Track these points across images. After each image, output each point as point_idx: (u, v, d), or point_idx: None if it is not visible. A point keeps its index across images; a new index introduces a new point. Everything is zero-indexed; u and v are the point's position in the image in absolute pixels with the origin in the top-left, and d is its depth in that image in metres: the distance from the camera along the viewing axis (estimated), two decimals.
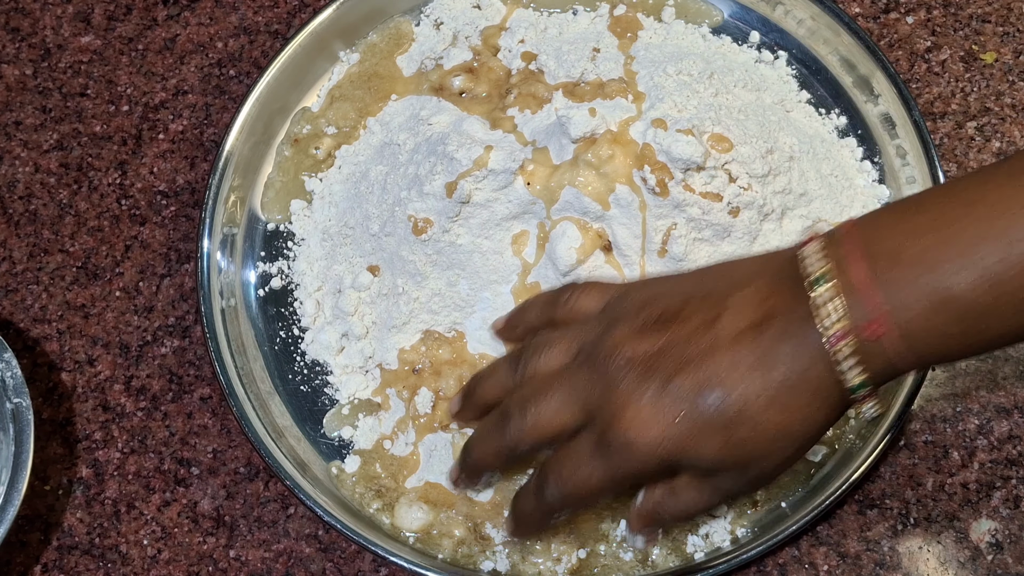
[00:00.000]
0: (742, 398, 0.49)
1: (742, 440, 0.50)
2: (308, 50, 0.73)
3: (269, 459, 0.64)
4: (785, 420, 0.50)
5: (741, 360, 0.49)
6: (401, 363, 0.67)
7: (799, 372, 0.49)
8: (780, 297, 0.50)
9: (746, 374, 0.49)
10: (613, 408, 0.51)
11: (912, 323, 0.47)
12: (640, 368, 0.51)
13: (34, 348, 0.71)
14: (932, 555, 0.65)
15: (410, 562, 0.62)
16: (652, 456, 0.51)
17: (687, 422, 0.50)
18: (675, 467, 0.53)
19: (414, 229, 0.66)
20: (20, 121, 0.77)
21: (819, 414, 0.50)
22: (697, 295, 0.52)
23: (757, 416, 0.49)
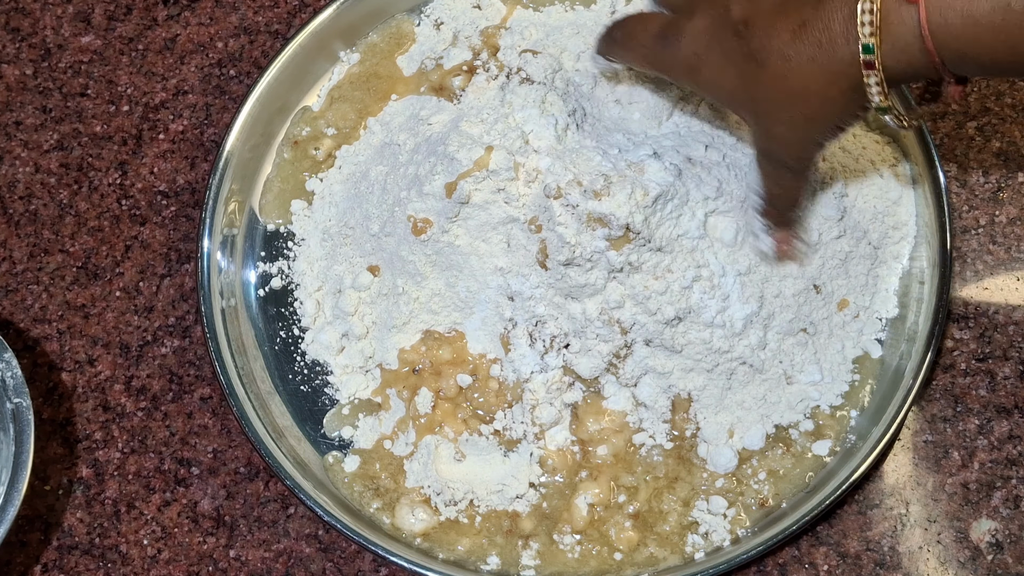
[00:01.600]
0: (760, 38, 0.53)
1: (749, 80, 0.54)
2: (308, 50, 0.73)
3: (269, 459, 0.64)
4: (785, 71, 0.52)
5: (780, 5, 0.53)
6: (401, 363, 0.67)
7: (819, 24, 0.51)
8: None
9: (773, 16, 0.53)
10: (690, 11, 0.58)
11: (950, 1, 0.48)
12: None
13: (34, 348, 0.71)
14: (932, 555, 0.65)
15: (410, 562, 0.62)
16: (685, 63, 0.57)
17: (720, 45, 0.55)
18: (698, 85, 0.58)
19: (413, 229, 0.66)
20: (20, 121, 0.77)
21: (821, 76, 0.52)
22: None
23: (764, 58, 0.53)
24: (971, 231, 0.71)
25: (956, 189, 0.71)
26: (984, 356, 0.68)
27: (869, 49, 0.50)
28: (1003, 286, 0.70)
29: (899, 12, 0.49)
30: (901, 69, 0.51)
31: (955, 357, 0.68)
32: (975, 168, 0.72)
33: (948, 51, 0.49)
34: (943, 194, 0.66)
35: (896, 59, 0.50)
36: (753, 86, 0.54)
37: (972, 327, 0.69)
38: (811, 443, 0.65)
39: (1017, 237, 0.71)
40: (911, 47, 0.50)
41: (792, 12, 0.52)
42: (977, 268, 0.70)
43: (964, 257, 0.70)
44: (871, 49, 0.50)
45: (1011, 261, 0.70)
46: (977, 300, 0.69)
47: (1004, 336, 0.69)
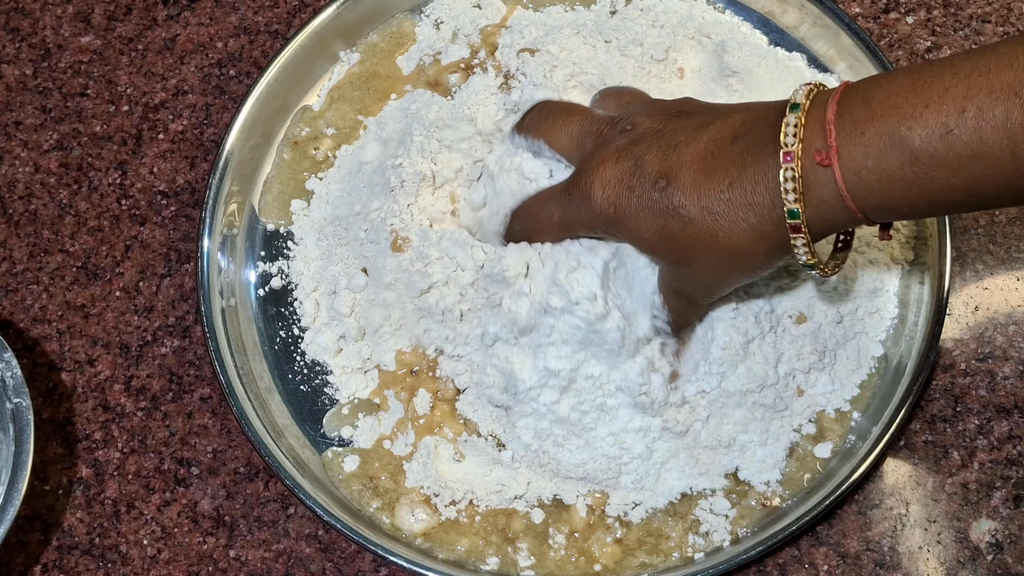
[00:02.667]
0: (684, 195, 0.54)
1: (673, 233, 0.55)
2: (308, 50, 0.73)
3: (269, 459, 0.64)
4: (715, 229, 0.54)
5: (702, 162, 0.54)
6: (399, 364, 0.67)
7: (746, 186, 0.53)
8: (765, 120, 0.53)
9: (699, 175, 0.54)
10: (597, 161, 0.58)
11: (861, 161, 0.50)
12: (634, 139, 0.58)
13: (34, 348, 0.71)
14: (932, 555, 0.65)
15: (410, 562, 0.62)
16: (601, 212, 0.58)
17: (637, 197, 0.56)
18: (617, 234, 0.59)
19: (393, 245, 0.66)
20: (20, 121, 0.77)
21: (750, 235, 0.53)
22: (715, 108, 0.58)
23: (691, 215, 0.54)
24: (971, 231, 0.71)
25: None
26: (984, 356, 0.68)
27: (795, 214, 0.51)
28: (1003, 286, 0.70)
29: (817, 176, 0.51)
30: (826, 226, 0.53)
31: (955, 357, 0.68)
32: None
33: (869, 207, 0.51)
34: None
35: (820, 218, 0.52)
36: (675, 238, 0.55)
37: (972, 327, 0.69)
38: (812, 446, 0.65)
39: (1017, 237, 0.71)
40: (834, 207, 0.51)
41: (718, 172, 0.53)
42: (977, 268, 0.70)
43: (964, 257, 0.70)
44: (796, 214, 0.51)
45: (1011, 261, 0.70)
46: (977, 300, 0.69)
47: (1004, 336, 0.69)
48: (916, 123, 0.48)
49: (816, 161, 0.50)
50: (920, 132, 0.48)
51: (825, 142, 0.50)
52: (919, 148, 0.48)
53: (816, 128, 0.51)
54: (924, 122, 0.48)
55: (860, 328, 0.66)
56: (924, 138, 0.48)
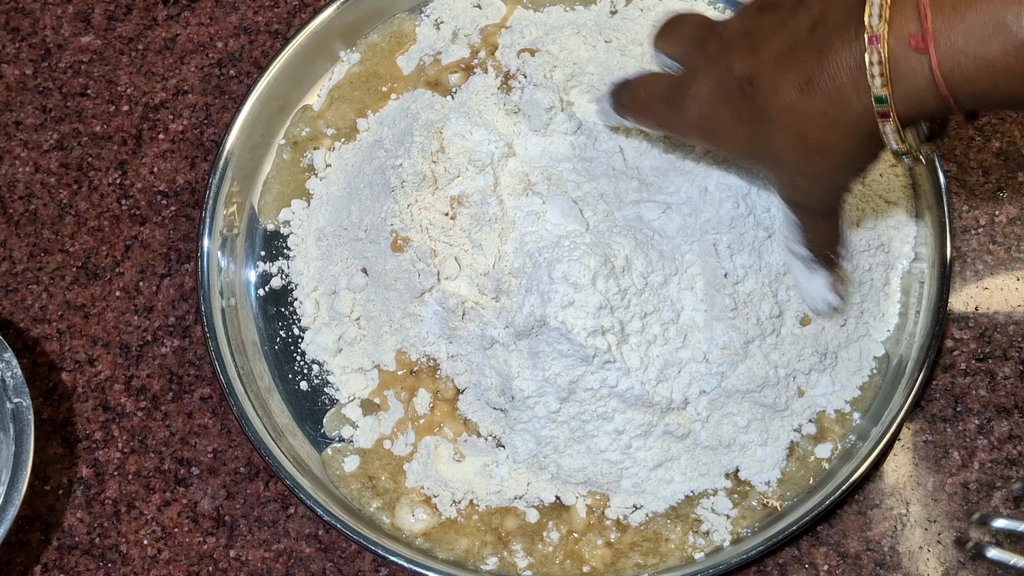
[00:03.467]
0: (768, 97, 0.53)
1: (764, 138, 0.54)
2: (308, 50, 0.73)
3: (269, 458, 0.64)
4: (799, 128, 0.52)
5: (781, 59, 0.52)
6: (399, 364, 0.67)
7: (825, 79, 0.50)
8: (843, 5, 0.51)
9: (778, 73, 0.52)
10: (691, 71, 0.58)
11: (963, 48, 0.47)
12: (724, 44, 0.56)
13: (34, 348, 0.71)
14: (932, 555, 0.65)
15: (410, 562, 0.62)
16: (694, 128, 0.57)
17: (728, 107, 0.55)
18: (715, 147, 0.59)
19: (393, 245, 0.66)
20: (20, 121, 0.77)
21: (837, 129, 0.51)
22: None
23: (776, 116, 0.52)
24: (971, 231, 0.71)
25: (956, 189, 0.71)
26: (984, 356, 0.68)
27: (882, 100, 0.49)
28: (1003, 286, 0.70)
29: (909, 61, 0.49)
30: (914, 113, 0.50)
31: (955, 357, 0.68)
32: (975, 168, 0.72)
33: (963, 95, 0.49)
34: (943, 194, 0.66)
35: (909, 105, 0.50)
36: (767, 142, 0.54)
37: (972, 327, 0.69)
38: (813, 447, 0.65)
39: (1017, 237, 0.71)
40: (924, 93, 0.49)
41: (795, 67, 0.52)
42: (977, 268, 0.70)
43: (964, 257, 0.70)
44: (884, 100, 0.49)
45: (1011, 261, 0.70)
46: (977, 300, 0.69)
47: (1004, 336, 0.69)
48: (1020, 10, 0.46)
49: (910, 46, 0.48)
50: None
51: (920, 25, 0.47)
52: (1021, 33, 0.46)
53: (906, 9, 0.48)
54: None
55: (864, 331, 0.66)
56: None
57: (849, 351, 0.66)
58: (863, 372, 0.66)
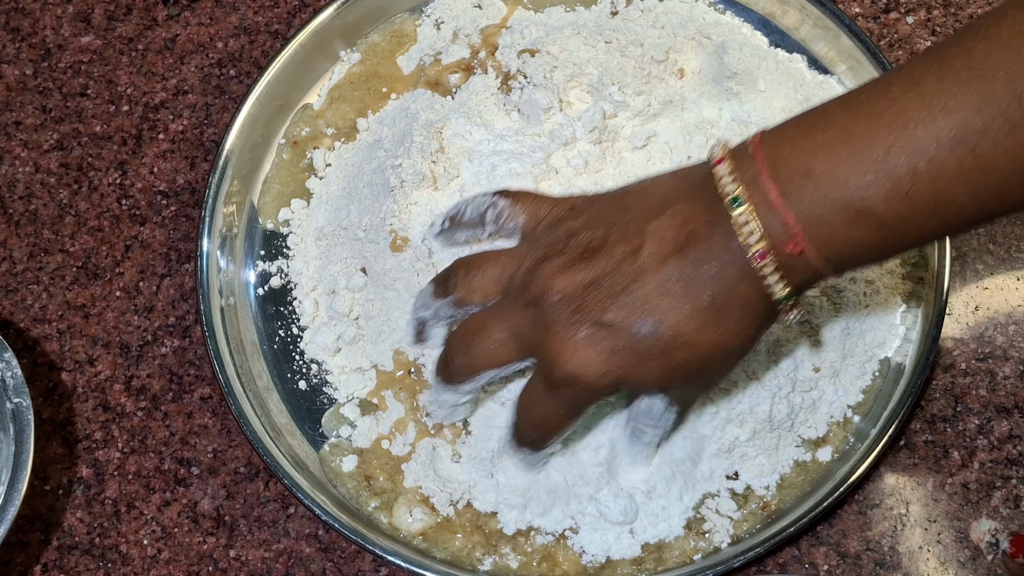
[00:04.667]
0: (675, 324, 0.51)
1: (682, 362, 0.53)
2: (308, 50, 0.73)
3: (267, 458, 0.64)
4: (718, 337, 0.52)
5: (669, 286, 0.51)
6: (397, 365, 0.67)
7: (726, 291, 0.51)
8: (698, 220, 0.51)
9: (676, 300, 0.51)
10: (553, 347, 0.54)
11: (830, 237, 0.49)
12: (573, 304, 0.53)
13: (34, 348, 0.71)
14: (932, 555, 0.65)
15: (409, 562, 0.62)
16: (600, 385, 0.54)
17: (626, 352, 0.52)
18: (627, 389, 0.56)
19: (392, 244, 0.66)
20: (20, 121, 0.77)
21: (750, 327, 0.53)
22: (619, 223, 0.54)
23: (691, 338, 0.52)
24: (971, 231, 0.71)
25: None
26: (984, 356, 0.68)
27: (786, 298, 0.51)
28: (1003, 286, 0.70)
29: (793, 261, 0.50)
30: (806, 288, 0.52)
31: (955, 357, 0.68)
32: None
33: (847, 266, 0.52)
34: None
35: (802, 288, 0.52)
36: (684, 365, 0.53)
37: (972, 327, 0.69)
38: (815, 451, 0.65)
39: (1017, 237, 0.71)
40: (812, 277, 0.51)
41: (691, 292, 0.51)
42: (977, 268, 0.70)
43: (964, 257, 0.70)
44: (788, 297, 0.51)
45: (1011, 261, 0.70)
46: (977, 300, 0.69)
47: (1004, 336, 0.69)
48: (872, 191, 0.47)
49: (787, 252, 0.50)
50: (878, 200, 0.47)
51: (786, 229, 0.49)
52: (883, 215, 0.48)
53: (765, 213, 0.49)
54: (879, 188, 0.47)
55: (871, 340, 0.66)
56: (885, 204, 0.47)
57: (855, 358, 0.66)
58: (866, 376, 0.66)
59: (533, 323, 0.55)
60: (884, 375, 0.66)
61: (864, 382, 0.66)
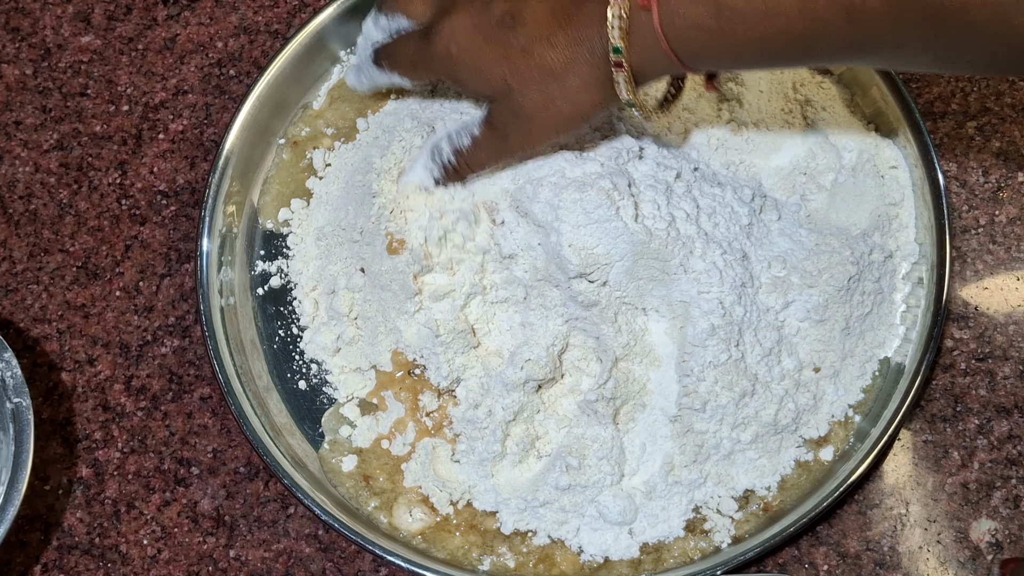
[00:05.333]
0: (528, 29, 0.57)
1: (513, 64, 0.58)
2: (308, 50, 0.73)
3: (267, 457, 0.64)
4: (552, 58, 0.57)
5: (544, 4, 0.57)
6: (395, 366, 0.67)
7: (581, 24, 0.56)
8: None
9: (543, 14, 0.57)
10: (449, 9, 0.61)
11: (676, 9, 0.53)
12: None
13: (34, 348, 0.71)
14: (932, 555, 0.65)
15: (409, 562, 0.62)
16: (443, 52, 0.60)
17: (484, 34, 0.59)
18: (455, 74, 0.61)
19: (389, 247, 0.66)
20: (20, 121, 0.77)
21: (583, 67, 0.57)
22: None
23: (533, 46, 0.57)
24: (971, 231, 0.71)
25: (956, 189, 0.71)
26: (984, 356, 0.68)
27: (618, 51, 0.55)
28: (1003, 286, 0.70)
29: (640, 18, 0.54)
30: (649, 68, 0.56)
31: (955, 357, 0.68)
32: (975, 168, 0.72)
33: (683, 52, 0.54)
34: (943, 194, 0.66)
35: (643, 59, 0.55)
36: (514, 68, 0.58)
37: (972, 327, 0.69)
38: (816, 451, 0.65)
39: (1017, 237, 0.71)
40: (655, 50, 0.55)
41: (559, 10, 0.57)
42: (977, 268, 0.70)
43: (964, 257, 0.70)
44: (620, 51, 0.55)
45: (1011, 261, 0.70)
46: (977, 300, 0.69)
47: (1004, 336, 0.69)
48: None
49: (639, 4, 0.53)
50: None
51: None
52: (722, 1, 0.52)
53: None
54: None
55: (871, 340, 0.66)
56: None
57: (854, 357, 0.66)
58: (866, 376, 0.66)
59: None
60: (884, 375, 0.66)
61: (864, 382, 0.66)
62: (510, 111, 0.60)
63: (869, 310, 0.66)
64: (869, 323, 0.66)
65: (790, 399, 0.64)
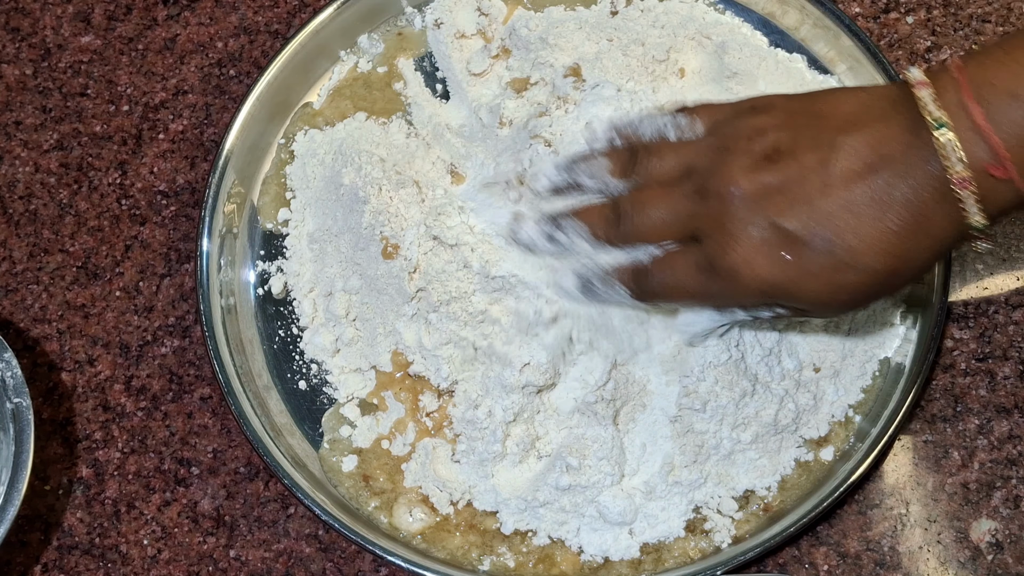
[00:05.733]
0: (854, 244, 0.50)
1: (848, 285, 0.51)
2: (308, 50, 0.73)
3: (267, 458, 0.64)
4: (895, 264, 0.50)
5: (856, 204, 0.50)
6: (395, 366, 0.67)
7: (916, 217, 0.49)
8: (895, 141, 0.50)
9: (860, 219, 0.50)
10: (725, 237, 0.52)
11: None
12: (753, 202, 0.52)
13: (34, 348, 0.71)
14: (932, 555, 0.65)
15: (409, 562, 0.62)
16: (754, 289, 0.53)
17: (796, 263, 0.51)
18: (773, 302, 0.54)
19: (384, 252, 0.66)
20: (20, 121, 0.77)
21: (929, 256, 0.51)
22: (809, 129, 0.52)
23: (867, 261, 0.50)
24: None
25: None
26: (984, 356, 0.68)
27: (982, 228, 0.50)
28: (1003, 286, 0.70)
29: (994, 186, 0.49)
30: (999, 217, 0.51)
31: (955, 357, 0.68)
32: None
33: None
34: None
35: (993, 216, 0.51)
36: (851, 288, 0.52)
37: (972, 327, 0.69)
38: (816, 451, 0.65)
39: (1017, 237, 0.71)
40: (1010, 205, 0.50)
41: (878, 213, 0.50)
42: (977, 268, 0.70)
43: (964, 257, 0.70)
44: (984, 227, 0.50)
45: (1011, 261, 0.70)
46: (977, 300, 0.69)
47: (1004, 336, 0.69)
48: None
49: (992, 176, 0.48)
50: None
51: (992, 153, 0.48)
52: None
53: (970, 137, 0.48)
54: None
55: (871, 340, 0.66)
56: None
57: (855, 357, 0.66)
58: (866, 376, 0.66)
59: (707, 214, 0.53)
60: (884, 375, 0.66)
61: (864, 382, 0.66)
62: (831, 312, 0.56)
63: (869, 310, 0.66)
64: (869, 323, 0.66)
65: (790, 399, 0.63)
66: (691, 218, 0.55)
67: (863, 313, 0.66)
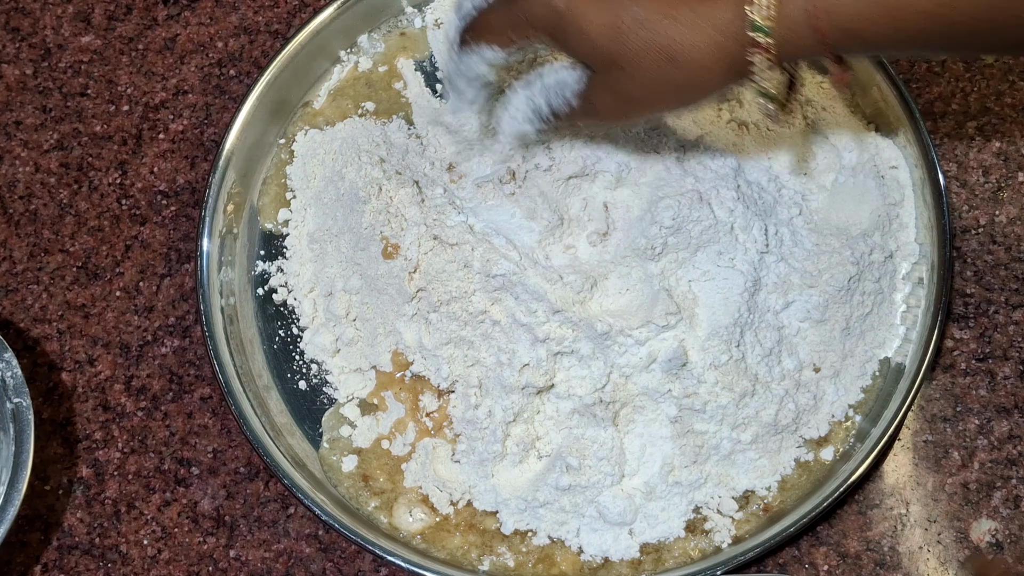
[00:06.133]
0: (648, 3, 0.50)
1: (624, 31, 0.51)
2: (308, 50, 0.73)
3: (267, 458, 0.64)
4: (672, 34, 0.50)
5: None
6: (396, 366, 0.67)
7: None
8: None
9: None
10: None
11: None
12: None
13: (34, 348, 0.71)
14: (932, 555, 0.65)
15: (409, 562, 0.62)
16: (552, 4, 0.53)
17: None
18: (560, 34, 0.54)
19: (384, 252, 0.66)
20: (20, 121, 0.77)
21: (709, 48, 0.50)
22: None
23: (649, 15, 0.50)
24: (971, 231, 0.71)
25: (956, 189, 0.71)
26: (984, 356, 0.68)
27: (763, 30, 0.49)
28: (1003, 286, 0.70)
29: (791, 14, 0.48)
30: (788, 50, 0.50)
31: (955, 357, 0.68)
32: (975, 168, 0.72)
33: (838, 29, 0.48)
34: (943, 194, 0.66)
35: (784, 39, 0.49)
36: (624, 38, 0.51)
37: (972, 327, 0.69)
38: (816, 451, 0.65)
39: (1017, 237, 0.71)
40: (801, 27, 0.49)
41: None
42: (977, 268, 0.70)
43: (964, 257, 0.70)
44: (766, 31, 0.49)
45: (1011, 261, 0.70)
46: (977, 300, 0.69)
47: (1004, 336, 0.69)
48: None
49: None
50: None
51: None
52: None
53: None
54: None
55: (871, 340, 0.66)
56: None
57: (855, 358, 0.66)
58: (866, 376, 0.66)
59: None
60: (884, 375, 0.66)
61: (864, 382, 0.66)
62: (611, 90, 0.54)
63: (869, 310, 0.66)
64: (869, 323, 0.66)
65: (790, 399, 0.63)
66: None
67: (863, 313, 0.66)
